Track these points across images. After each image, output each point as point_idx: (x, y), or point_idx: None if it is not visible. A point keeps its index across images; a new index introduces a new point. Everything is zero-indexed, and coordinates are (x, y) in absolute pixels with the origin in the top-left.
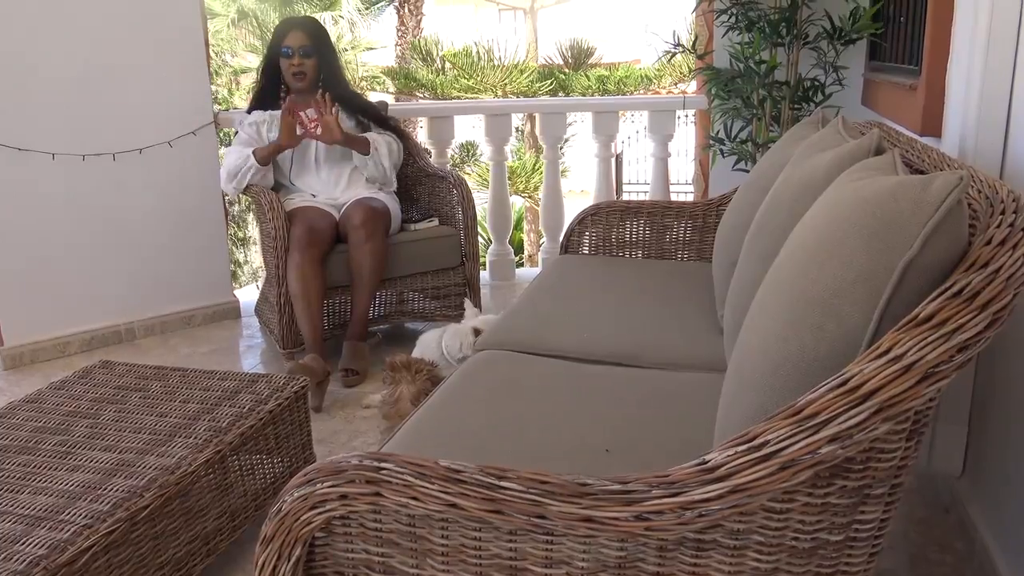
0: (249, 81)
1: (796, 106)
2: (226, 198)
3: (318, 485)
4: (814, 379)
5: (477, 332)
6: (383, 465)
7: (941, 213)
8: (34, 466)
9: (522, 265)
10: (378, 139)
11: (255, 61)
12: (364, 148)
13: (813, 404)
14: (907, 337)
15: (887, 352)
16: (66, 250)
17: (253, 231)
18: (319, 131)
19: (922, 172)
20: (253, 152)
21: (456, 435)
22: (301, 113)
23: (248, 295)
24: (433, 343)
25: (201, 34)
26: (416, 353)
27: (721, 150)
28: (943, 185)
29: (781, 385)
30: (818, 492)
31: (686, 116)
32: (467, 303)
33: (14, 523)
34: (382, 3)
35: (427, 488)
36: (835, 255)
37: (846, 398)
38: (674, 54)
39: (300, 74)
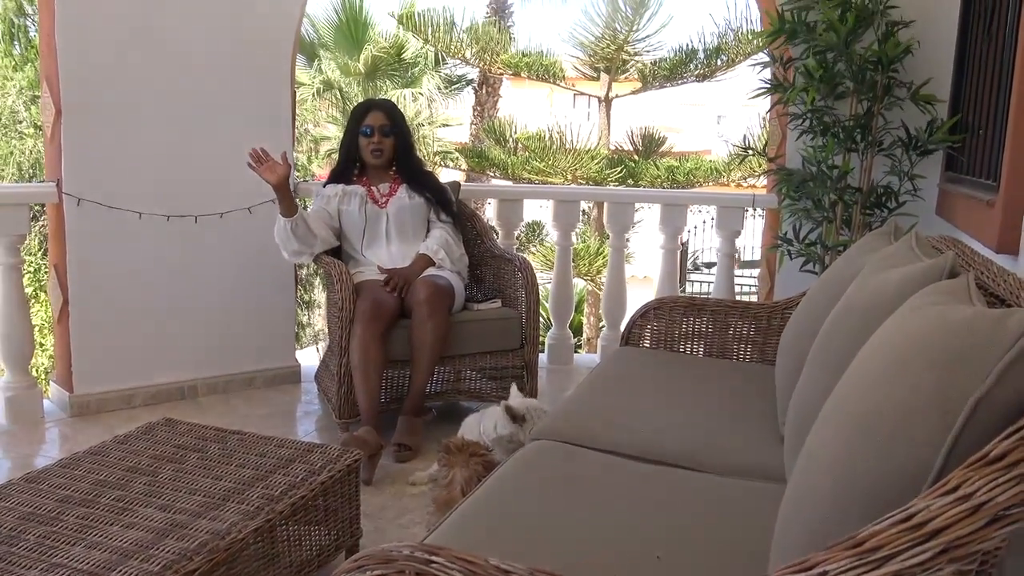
0: (327, 148)
1: (868, 212)
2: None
3: (368, 573)
4: (876, 507)
5: (510, 411)
6: (433, 559)
7: (1016, 350)
8: (91, 519)
9: (580, 348)
10: (435, 248)
11: (334, 131)
12: (428, 264)
13: (876, 537)
14: (976, 476)
15: (955, 490)
16: (142, 305)
17: (318, 295)
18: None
19: (997, 296)
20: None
21: (506, 529)
22: (374, 188)
23: (307, 358)
24: (475, 425)
25: (289, 107)
26: (461, 435)
27: (789, 251)
28: (1020, 322)
29: (841, 509)
30: None
31: (754, 210)
32: (513, 387)
33: None
34: (461, 83)
35: None
36: (905, 382)
37: (911, 535)
38: (744, 157)
39: (378, 151)
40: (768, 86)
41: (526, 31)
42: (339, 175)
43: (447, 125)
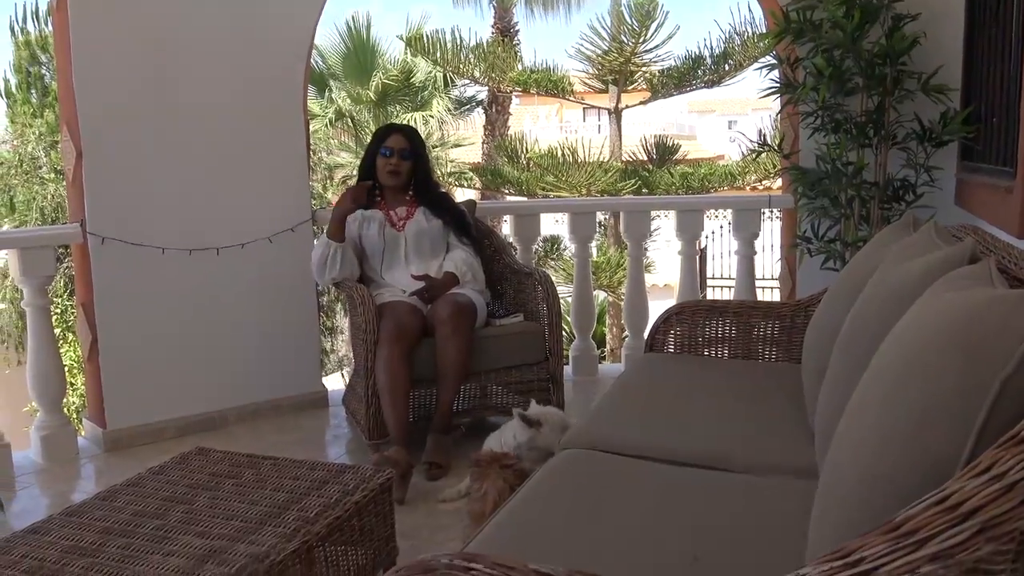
0: (341, 176)
1: (886, 206)
2: (318, 288)
3: None
4: (910, 493)
5: (524, 418)
6: (472, 566)
7: None
8: (132, 549)
9: (604, 359)
10: (461, 267)
11: (347, 158)
12: (455, 283)
13: (911, 521)
14: (1008, 455)
15: (988, 470)
16: (168, 339)
17: (340, 321)
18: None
19: (1020, 280)
20: (328, 237)
21: (542, 536)
22: (392, 212)
23: (333, 384)
24: (495, 441)
25: (304, 140)
26: (485, 449)
27: (809, 249)
28: None
29: (875, 500)
30: None
31: (771, 211)
32: (532, 401)
33: None
34: (471, 104)
35: None
36: (929, 369)
37: (946, 516)
38: (760, 153)
39: (395, 173)
40: (778, 86)
41: (532, 48)
42: None
43: (459, 145)
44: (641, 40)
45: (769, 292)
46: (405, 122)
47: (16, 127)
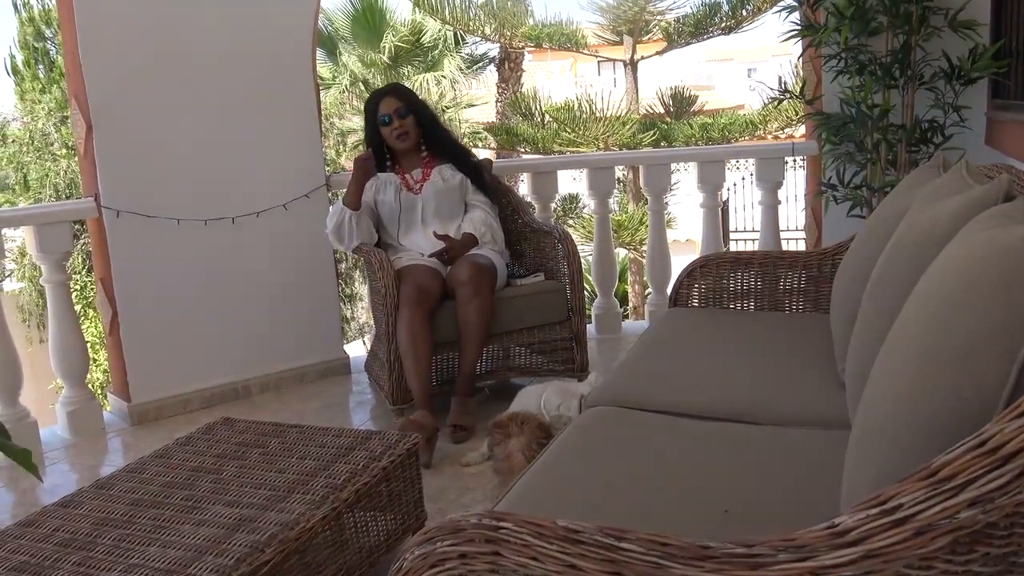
0: (354, 140)
1: (913, 148)
2: (336, 254)
3: (438, 544)
4: (948, 438)
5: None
6: (501, 524)
7: None
8: (163, 520)
9: (627, 317)
10: (480, 227)
11: (359, 122)
12: (474, 243)
13: (949, 465)
14: None
15: None
16: (188, 311)
17: (359, 288)
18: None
19: None
20: (343, 204)
21: (570, 494)
22: (407, 175)
23: (354, 351)
24: (534, 396)
25: (315, 104)
26: (514, 407)
27: (834, 196)
28: None
29: (913, 446)
30: (958, 559)
31: (794, 160)
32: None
33: None
34: (483, 61)
35: (546, 548)
36: (967, 310)
37: (986, 459)
38: (781, 100)
39: (403, 135)
40: (799, 28)
41: (543, 2)
42: None
43: (472, 105)
44: None
45: (793, 244)
46: (417, 83)
47: (25, 104)
